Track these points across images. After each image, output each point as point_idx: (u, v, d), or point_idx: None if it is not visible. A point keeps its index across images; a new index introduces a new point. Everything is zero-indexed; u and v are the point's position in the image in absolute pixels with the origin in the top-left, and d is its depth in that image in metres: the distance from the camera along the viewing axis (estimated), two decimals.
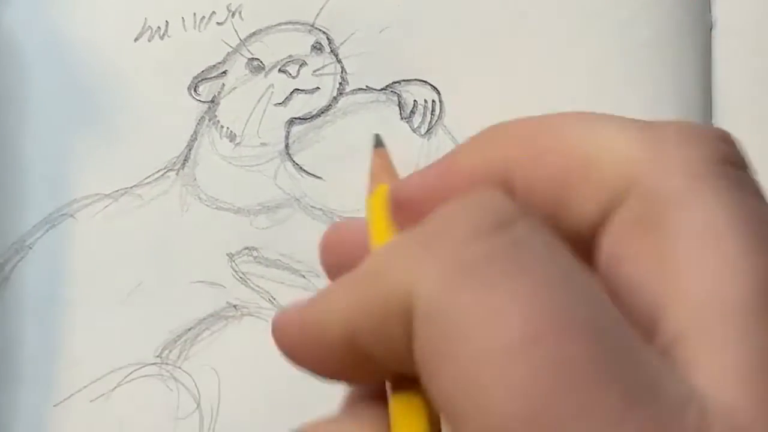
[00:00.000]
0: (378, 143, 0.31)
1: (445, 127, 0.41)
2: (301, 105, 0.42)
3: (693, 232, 0.22)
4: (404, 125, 0.42)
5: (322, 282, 0.40)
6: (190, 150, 0.42)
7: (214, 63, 0.43)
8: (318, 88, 0.42)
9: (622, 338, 0.20)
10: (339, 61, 0.42)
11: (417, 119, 0.42)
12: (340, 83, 0.42)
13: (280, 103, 0.42)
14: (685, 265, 0.22)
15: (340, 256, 0.26)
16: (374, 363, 0.23)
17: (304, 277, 0.40)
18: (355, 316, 0.23)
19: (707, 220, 0.22)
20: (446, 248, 0.21)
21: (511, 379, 0.19)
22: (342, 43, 0.43)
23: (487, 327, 0.20)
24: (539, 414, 0.19)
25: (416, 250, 0.21)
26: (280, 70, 0.42)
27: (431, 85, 0.42)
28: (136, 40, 0.43)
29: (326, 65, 0.42)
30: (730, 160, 0.23)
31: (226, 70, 0.43)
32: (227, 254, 0.41)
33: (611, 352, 0.20)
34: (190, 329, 0.40)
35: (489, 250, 0.21)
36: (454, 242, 0.21)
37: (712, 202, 0.23)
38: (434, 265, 0.21)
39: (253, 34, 0.43)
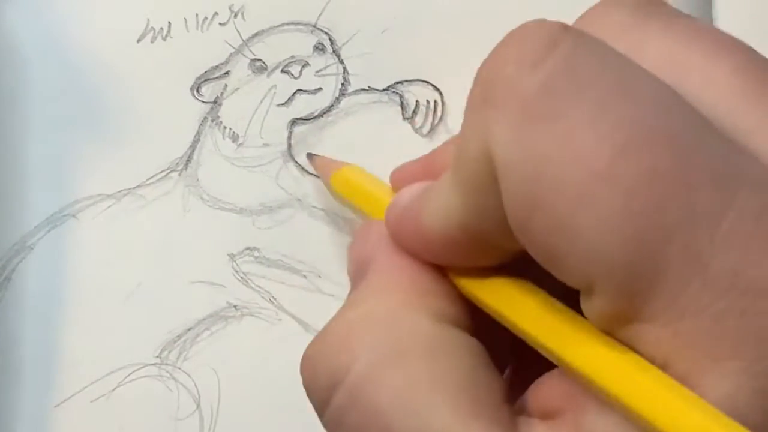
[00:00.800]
0: (311, 156, 0.36)
1: (447, 127, 0.41)
2: (303, 105, 0.42)
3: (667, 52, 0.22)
4: (406, 126, 0.42)
5: (323, 282, 0.40)
6: (192, 151, 0.42)
7: (216, 64, 0.43)
8: (320, 88, 0.42)
9: (698, 130, 0.20)
10: (341, 62, 0.42)
11: (419, 120, 0.42)
12: (343, 84, 0.42)
13: (282, 104, 0.42)
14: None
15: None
16: (490, 245, 0.23)
17: (305, 277, 0.40)
18: (462, 208, 0.23)
19: (672, 50, 0.22)
20: (504, 94, 0.21)
21: (603, 207, 0.19)
22: (344, 44, 0.43)
23: (563, 161, 0.19)
24: (641, 234, 0.19)
25: (481, 110, 0.21)
26: (282, 71, 0.42)
27: (433, 85, 0.42)
28: (138, 41, 0.43)
29: (328, 66, 0.42)
30: (653, 2, 0.23)
31: (229, 71, 0.43)
32: (228, 254, 0.41)
33: (694, 149, 0.19)
34: (189, 329, 0.40)
35: (544, 80, 0.20)
36: (509, 85, 0.21)
37: (664, 40, 0.22)
38: (499, 117, 0.21)
39: (256, 34, 0.43)
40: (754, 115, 0.21)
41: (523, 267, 0.23)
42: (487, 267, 0.24)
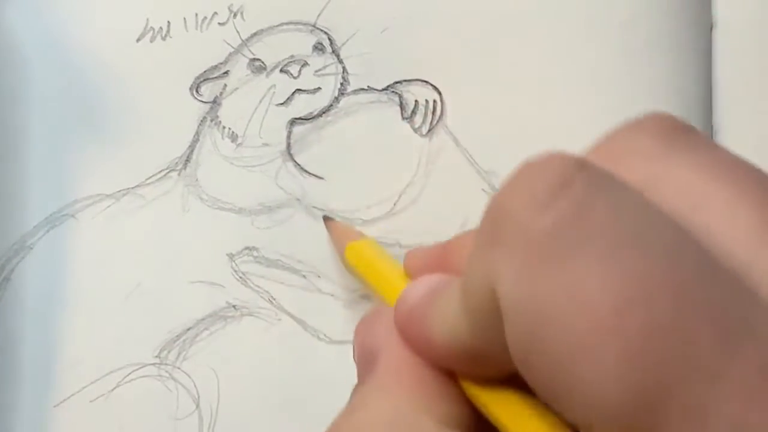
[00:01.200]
0: (327, 219, 0.36)
1: (446, 127, 0.41)
2: (302, 105, 0.42)
3: (686, 190, 0.22)
4: (405, 125, 0.42)
5: (323, 282, 0.40)
6: (192, 150, 0.42)
7: (215, 63, 0.43)
8: (319, 88, 0.42)
9: (707, 280, 0.19)
10: (340, 62, 0.42)
11: (418, 119, 0.42)
12: (342, 83, 0.42)
13: (281, 104, 0.42)
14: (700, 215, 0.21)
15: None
16: (495, 364, 0.23)
17: (304, 277, 0.40)
18: (468, 330, 0.23)
19: (694, 182, 0.22)
20: (512, 234, 0.21)
21: (604, 358, 0.19)
22: (343, 44, 0.43)
23: (567, 308, 0.19)
24: (641, 387, 0.19)
25: (489, 247, 0.21)
26: (281, 71, 0.42)
27: (432, 85, 0.42)
28: (137, 40, 0.43)
29: (328, 65, 0.42)
30: (681, 129, 0.23)
31: (228, 71, 0.43)
32: (227, 254, 0.41)
33: (700, 301, 0.19)
34: (189, 329, 0.40)
35: (552, 223, 0.20)
36: (517, 225, 0.20)
37: (687, 171, 0.22)
38: (506, 258, 0.21)
39: (255, 34, 0.43)
40: None
41: None
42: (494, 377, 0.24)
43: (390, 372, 0.25)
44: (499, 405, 0.24)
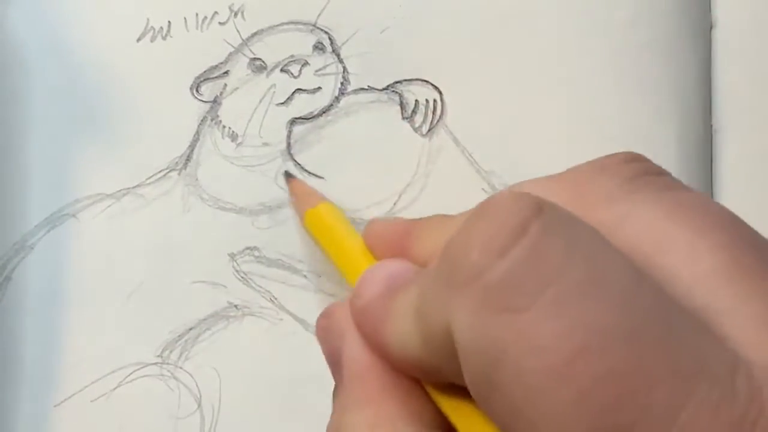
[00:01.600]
0: (289, 176, 0.36)
1: (446, 126, 0.42)
2: (302, 105, 0.42)
3: (651, 233, 0.22)
4: (405, 125, 0.42)
5: (323, 282, 0.40)
6: (192, 150, 0.42)
7: (216, 63, 0.43)
8: (320, 88, 0.42)
9: (662, 323, 0.20)
10: (341, 61, 0.42)
11: (418, 119, 0.42)
12: (342, 83, 0.42)
13: (281, 103, 0.42)
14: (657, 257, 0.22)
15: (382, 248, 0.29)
16: (446, 376, 0.23)
17: (305, 277, 0.40)
18: (422, 351, 0.23)
19: (657, 223, 0.22)
20: (467, 280, 0.21)
21: (558, 403, 0.19)
22: (344, 43, 0.43)
23: (521, 354, 0.20)
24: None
25: (445, 286, 0.21)
26: (282, 70, 0.42)
27: (433, 84, 0.42)
28: (138, 40, 0.43)
29: (328, 65, 0.42)
30: (647, 172, 0.23)
31: (228, 70, 0.43)
32: (228, 254, 0.41)
33: (654, 345, 0.19)
34: (191, 329, 0.40)
35: (507, 270, 0.20)
36: (473, 271, 0.21)
37: (650, 212, 0.22)
38: (461, 301, 0.21)
39: (255, 34, 0.43)
40: (731, 297, 0.21)
41: None
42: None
43: (355, 381, 0.25)
44: (457, 412, 0.24)
